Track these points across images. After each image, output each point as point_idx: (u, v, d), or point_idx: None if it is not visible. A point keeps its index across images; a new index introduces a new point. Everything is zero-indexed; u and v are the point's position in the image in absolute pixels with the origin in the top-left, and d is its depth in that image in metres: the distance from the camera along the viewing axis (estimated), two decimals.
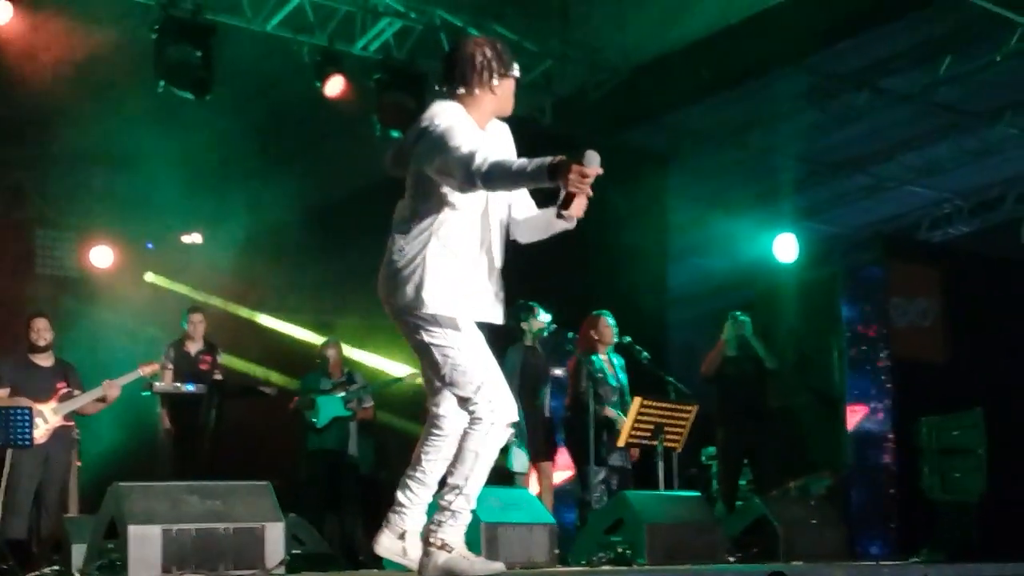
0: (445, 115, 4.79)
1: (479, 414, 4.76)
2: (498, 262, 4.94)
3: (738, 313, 10.86)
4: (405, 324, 4.85)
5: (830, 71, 11.90)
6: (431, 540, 4.77)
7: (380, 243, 4.95)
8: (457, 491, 4.78)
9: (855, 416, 11.68)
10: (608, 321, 9.86)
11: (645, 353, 9.87)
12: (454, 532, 4.78)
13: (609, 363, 9.88)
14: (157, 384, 10.03)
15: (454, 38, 10.71)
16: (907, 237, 15.06)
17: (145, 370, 9.83)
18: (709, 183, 14.34)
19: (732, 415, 10.67)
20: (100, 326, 12.80)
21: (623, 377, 9.93)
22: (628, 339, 9.88)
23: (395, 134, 10.91)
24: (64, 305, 11.72)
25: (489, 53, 4.90)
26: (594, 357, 9.78)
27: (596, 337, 9.84)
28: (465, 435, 4.81)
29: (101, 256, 13.56)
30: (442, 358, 4.80)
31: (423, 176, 4.79)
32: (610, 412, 9.60)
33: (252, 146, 11.32)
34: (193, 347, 10.63)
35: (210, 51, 10.29)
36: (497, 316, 4.95)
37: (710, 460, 12.11)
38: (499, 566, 4.81)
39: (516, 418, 4.90)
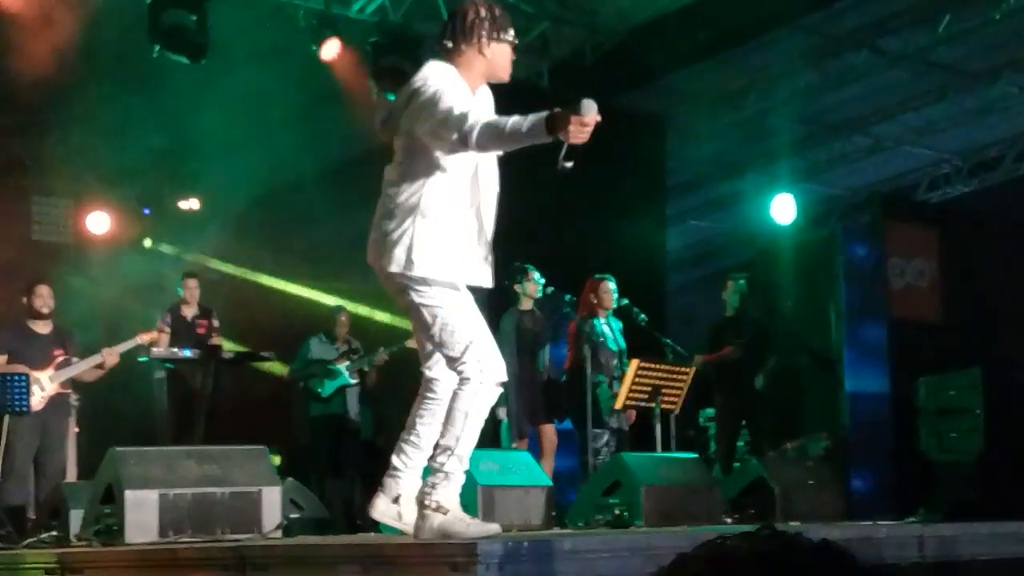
0: (435, 76, 4.77)
1: (468, 374, 4.77)
2: (488, 225, 4.93)
3: (741, 281, 10.86)
4: (395, 286, 4.86)
5: (828, 31, 11.84)
6: (426, 503, 4.76)
7: (375, 208, 4.95)
8: (448, 452, 4.78)
9: (853, 377, 11.69)
10: (610, 286, 9.86)
11: (643, 315, 9.87)
12: (448, 494, 4.78)
13: (608, 327, 9.89)
14: (154, 349, 10.05)
15: (453, 0, 10.68)
16: (905, 198, 15.03)
17: (143, 337, 9.86)
18: (707, 145, 14.30)
19: (730, 378, 10.69)
20: (97, 293, 12.78)
21: (621, 341, 9.94)
22: (626, 301, 9.88)
23: (391, 97, 10.85)
24: (61, 272, 11.67)
25: (483, 13, 4.88)
26: (594, 321, 9.78)
27: (596, 301, 9.84)
28: (454, 396, 4.81)
29: (98, 222, 13.53)
30: (431, 318, 4.80)
31: (413, 138, 4.78)
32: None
33: (248, 111, 11.27)
34: (189, 312, 10.65)
35: (205, 15, 10.24)
36: (486, 279, 4.95)
37: (708, 422, 12.13)
38: (495, 527, 4.81)
39: (505, 378, 4.90)
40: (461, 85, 4.79)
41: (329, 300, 12.73)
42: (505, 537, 4.65)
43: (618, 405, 9.29)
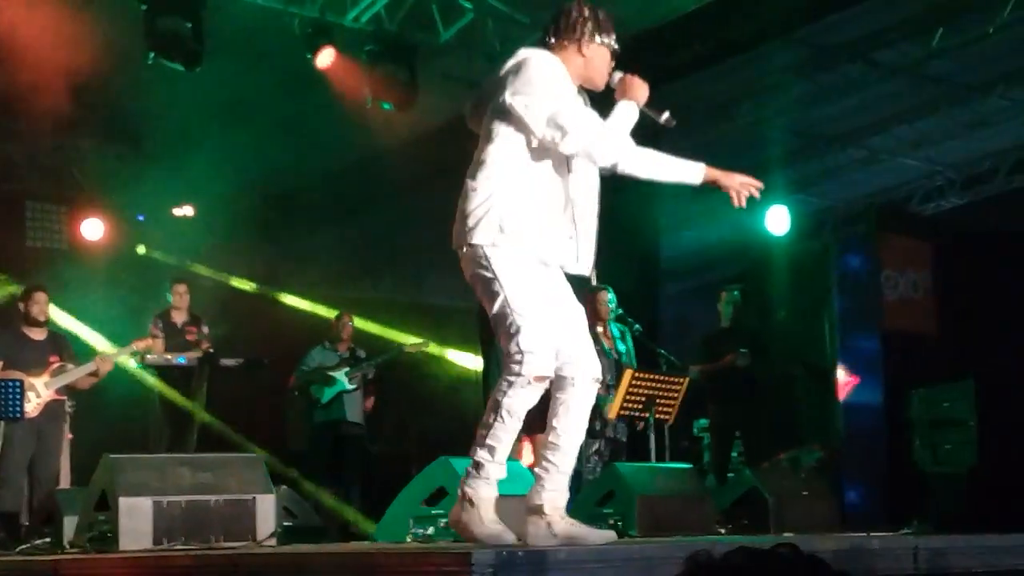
0: (545, 65, 4.75)
1: (510, 366, 4.69)
2: (583, 207, 4.92)
3: (735, 292, 10.89)
4: (470, 266, 4.75)
5: (822, 43, 11.85)
6: (461, 492, 4.81)
7: (370, 217, 4.93)
8: (480, 441, 4.78)
9: (846, 388, 11.71)
10: (607, 297, 9.88)
11: (637, 326, 9.90)
12: (479, 484, 4.79)
13: (608, 336, 9.90)
14: (149, 356, 10.06)
15: (448, 9, 10.74)
16: (899, 210, 15.03)
17: (139, 345, 9.87)
18: (701, 156, 14.27)
19: (724, 388, 10.70)
20: (91, 299, 12.77)
21: (622, 347, 9.94)
22: (620, 311, 9.89)
23: (386, 106, 10.87)
24: (55, 278, 11.65)
25: (587, 13, 4.91)
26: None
27: (593, 312, 9.86)
28: (495, 386, 4.76)
29: (92, 229, 13.51)
30: (491, 301, 4.70)
31: (504, 117, 4.71)
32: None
33: (242, 118, 11.27)
34: (179, 318, 10.66)
35: (200, 22, 10.22)
36: (568, 260, 4.89)
37: (702, 432, 12.14)
38: (509, 537, 4.80)
39: (551, 374, 4.80)
40: (564, 76, 4.79)
41: (322, 308, 12.71)
42: (500, 546, 4.65)
43: (612, 415, 9.31)
